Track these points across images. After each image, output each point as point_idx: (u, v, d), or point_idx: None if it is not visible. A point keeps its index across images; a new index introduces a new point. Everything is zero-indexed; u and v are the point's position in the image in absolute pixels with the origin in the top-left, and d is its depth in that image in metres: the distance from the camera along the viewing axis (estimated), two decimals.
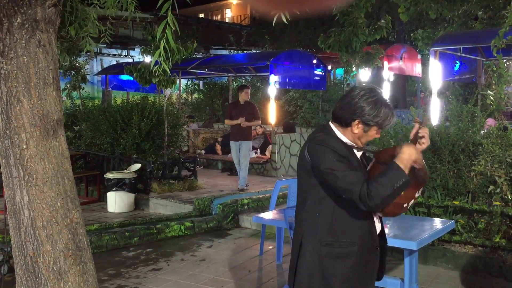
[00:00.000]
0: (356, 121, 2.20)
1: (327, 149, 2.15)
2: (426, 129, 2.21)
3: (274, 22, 2.66)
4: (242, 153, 7.96)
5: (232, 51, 21.81)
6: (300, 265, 2.24)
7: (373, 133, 2.23)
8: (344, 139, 2.24)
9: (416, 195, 2.17)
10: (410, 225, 3.89)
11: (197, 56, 17.58)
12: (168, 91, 11.98)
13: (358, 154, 2.29)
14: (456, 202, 5.24)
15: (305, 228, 2.25)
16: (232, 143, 8.11)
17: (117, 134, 8.78)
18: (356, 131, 2.21)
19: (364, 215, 2.18)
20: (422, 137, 2.18)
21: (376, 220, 2.28)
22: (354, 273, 2.17)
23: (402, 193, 2.07)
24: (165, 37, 2.26)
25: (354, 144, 2.25)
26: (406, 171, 2.05)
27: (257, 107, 8.32)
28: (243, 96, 8.05)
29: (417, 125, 2.20)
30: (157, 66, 2.73)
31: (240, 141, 7.97)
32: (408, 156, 2.07)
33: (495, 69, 8.52)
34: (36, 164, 2.65)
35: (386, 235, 3.56)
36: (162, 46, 2.29)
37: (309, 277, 2.20)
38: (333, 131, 2.25)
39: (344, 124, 2.23)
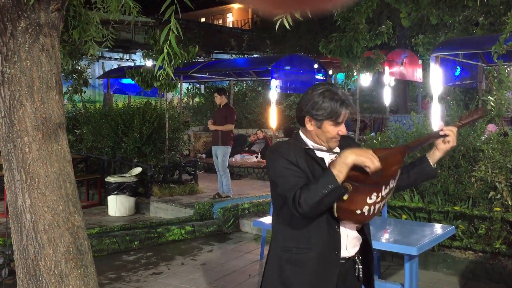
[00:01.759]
0: (307, 118, 2.13)
1: (276, 156, 2.10)
2: (453, 128, 2.20)
3: (277, 27, 2.67)
4: (218, 160, 7.74)
5: (233, 55, 21.87)
6: (266, 270, 2.22)
7: (330, 129, 2.10)
8: (309, 142, 2.17)
9: (369, 200, 1.97)
10: (410, 230, 3.89)
11: (198, 60, 17.62)
12: (169, 95, 12.00)
13: (330, 157, 2.15)
14: (456, 208, 5.24)
15: (272, 234, 2.24)
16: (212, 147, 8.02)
17: (118, 138, 8.80)
18: (310, 128, 2.14)
19: (322, 220, 2.07)
20: (445, 135, 2.17)
21: (346, 227, 2.14)
22: (309, 280, 2.08)
23: (345, 198, 1.94)
24: (168, 41, 2.28)
25: (319, 146, 2.16)
26: (341, 176, 1.92)
27: (234, 111, 7.92)
28: (215, 100, 7.98)
29: (441, 124, 2.21)
30: (161, 71, 2.74)
31: (215, 146, 7.75)
32: (342, 160, 1.94)
33: (495, 74, 8.53)
34: (38, 167, 2.66)
35: (386, 240, 3.59)
36: (166, 50, 2.30)
37: (271, 282, 2.18)
38: (300, 136, 2.20)
39: (301, 123, 2.18)
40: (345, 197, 1.95)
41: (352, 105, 2.12)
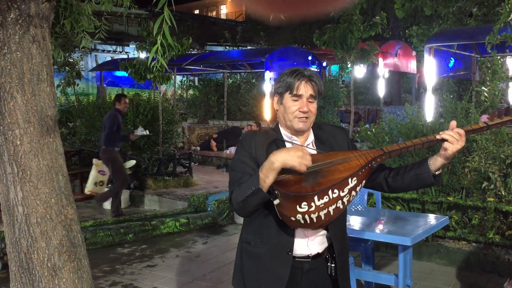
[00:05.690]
0: (275, 98, 2.12)
1: (238, 147, 2.07)
2: (455, 132, 1.93)
3: (271, 19, 2.65)
4: None
5: (227, 47, 21.78)
6: (235, 259, 2.25)
7: (290, 104, 2.04)
8: (283, 132, 2.12)
9: (300, 209, 1.77)
10: (404, 221, 3.90)
11: (192, 52, 17.54)
12: (163, 88, 11.96)
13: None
14: (450, 198, 5.26)
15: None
16: None
17: None
18: (277, 107, 2.13)
19: (274, 217, 1.96)
20: (443, 140, 1.93)
21: (307, 231, 2.04)
22: (260, 273, 2.07)
23: (275, 202, 1.82)
24: (162, 32, 2.25)
25: (290, 137, 2.09)
26: (267, 181, 1.82)
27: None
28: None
29: (453, 123, 1.95)
30: (154, 62, 2.72)
31: None
32: (269, 164, 1.83)
33: (489, 65, 8.54)
34: (30, 160, 2.63)
35: (380, 231, 3.59)
36: (159, 41, 2.28)
37: (236, 270, 2.20)
38: (278, 126, 2.16)
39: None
40: (276, 202, 1.83)
41: (315, 80, 2.05)
